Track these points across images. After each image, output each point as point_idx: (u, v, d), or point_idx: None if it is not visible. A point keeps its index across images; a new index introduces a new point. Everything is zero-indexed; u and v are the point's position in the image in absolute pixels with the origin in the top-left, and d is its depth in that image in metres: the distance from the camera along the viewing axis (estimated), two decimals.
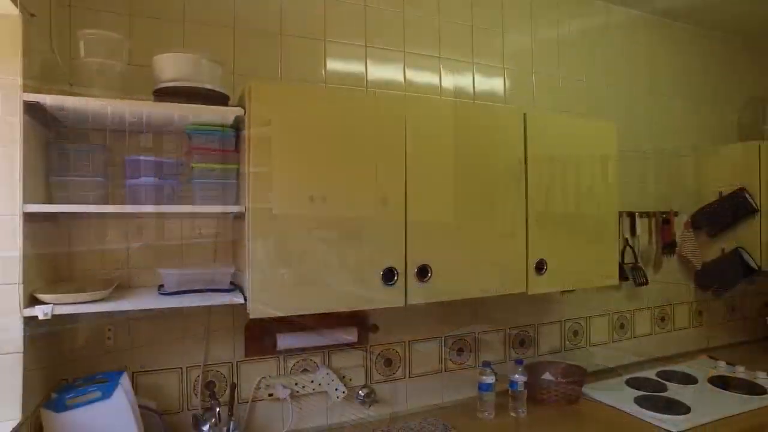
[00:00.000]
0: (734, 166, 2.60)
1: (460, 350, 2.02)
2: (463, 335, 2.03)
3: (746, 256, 2.49)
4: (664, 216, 2.59)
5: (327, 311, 1.40)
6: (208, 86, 1.36)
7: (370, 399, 1.82)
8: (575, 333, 2.32)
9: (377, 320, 1.85)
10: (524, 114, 1.72)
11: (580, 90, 2.37)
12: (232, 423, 1.54)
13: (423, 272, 1.51)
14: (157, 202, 1.38)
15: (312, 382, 1.74)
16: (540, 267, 1.72)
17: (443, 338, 1.99)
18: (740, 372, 2.33)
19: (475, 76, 2.08)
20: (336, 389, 1.73)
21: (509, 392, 1.90)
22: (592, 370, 2.37)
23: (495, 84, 2.13)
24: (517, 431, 1.75)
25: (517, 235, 1.68)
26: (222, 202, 1.43)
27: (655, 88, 2.63)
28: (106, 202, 1.38)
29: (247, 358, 1.67)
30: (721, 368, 2.41)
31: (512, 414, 1.88)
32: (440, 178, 1.56)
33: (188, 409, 1.59)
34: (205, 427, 1.50)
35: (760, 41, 3.02)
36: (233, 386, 1.60)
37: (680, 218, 2.68)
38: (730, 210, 2.53)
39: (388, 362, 1.88)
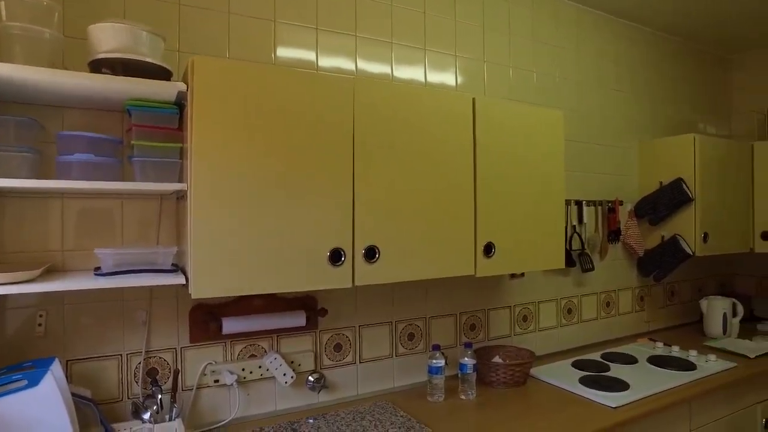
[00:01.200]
0: (672, 157, 2.72)
1: (411, 335, 2.03)
2: (413, 320, 2.04)
3: (683, 243, 2.61)
4: (610, 205, 2.69)
5: (272, 292, 1.37)
6: (149, 60, 1.31)
7: (320, 384, 1.81)
8: (525, 318, 2.37)
9: (326, 304, 1.84)
10: (473, 99, 1.74)
11: (530, 81, 2.42)
12: (175, 410, 1.50)
13: (371, 253, 1.51)
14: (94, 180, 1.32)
15: (260, 367, 1.71)
16: (488, 250, 1.75)
17: (394, 323, 1.99)
18: (675, 351, 2.46)
19: (427, 63, 2.09)
20: (284, 374, 1.71)
21: (459, 375, 1.92)
22: (540, 354, 2.44)
23: (446, 72, 2.15)
24: (465, 413, 1.77)
25: (466, 218, 1.70)
26: (164, 181, 1.38)
27: (602, 83, 2.72)
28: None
29: (192, 344, 1.63)
30: (659, 349, 2.53)
31: (462, 396, 1.91)
32: (388, 161, 1.55)
33: (128, 398, 1.54)
34: (146, 415, 1.46)
35: (699, 43, 3.17)
36: (176, 372, 1.56)
37: (625, 207, 2.78)
38: (669, 199, 2.64)
39: (338, 347, 1.87)
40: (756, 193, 2.94)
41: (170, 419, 1.48)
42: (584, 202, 2.56)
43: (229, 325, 1.61)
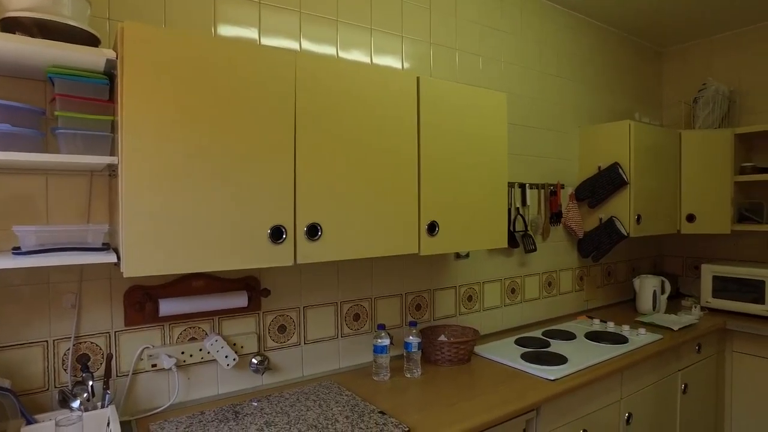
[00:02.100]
0: (610, 143, 2.84)
1: (357, 316, 2.03)
2: (359, 301, 2.04)
3: (618, 225, 2.74)
4: (552, 188, 2.78)
5: (209, 270, 1.33)
6: (71, 23, 1.22)
7: (264, 366, 1.78)
8: (470, 298, 2.42)
9: (270, 285, 1.81)
10: (417, 78, 1.74)
11: (476, 66, 2.45)
12: (107, 397, 1.43)
13: (313, 231, 1.49)
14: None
15: (200, 350, 1.67)
16: (432, 229, 1.76)
17: (339, 304, 1.99)
18: (610, 327, 2.59)
19: (374, 45, 2.07)
20: (226, 357, 1.67)
21: (404, 354, 1.94)
22: (485, 333, 2.51)
23: (393, 55, 2.14)
24: (409, 389, 1.79)
25: (410, 197, 1.71)
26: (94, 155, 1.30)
27: (545, 70, 2.80)
28: None
29: (127, 328, 1.56)
30: (596, 325, 2.65)
31: (407, 375, 1.93)
32: (332, 138, 1.53)
33: (56, 387, 1.45)
34: (75, 404, 1.39)
35: (636, 36, 3.31)
36: (109, 357, 1.49)
37: (566, 190, 2.89)
38: (606, 182, 2.76)
39: (282, 328, 1.85)
40: (683, 178, 3.12)
41: (102, 406, 1.41)
42: (527, 185, 2.63)
43: (167, 307, 1.55)
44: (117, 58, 1.24)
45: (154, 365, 1.59)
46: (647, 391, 2.32)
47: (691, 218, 3.11)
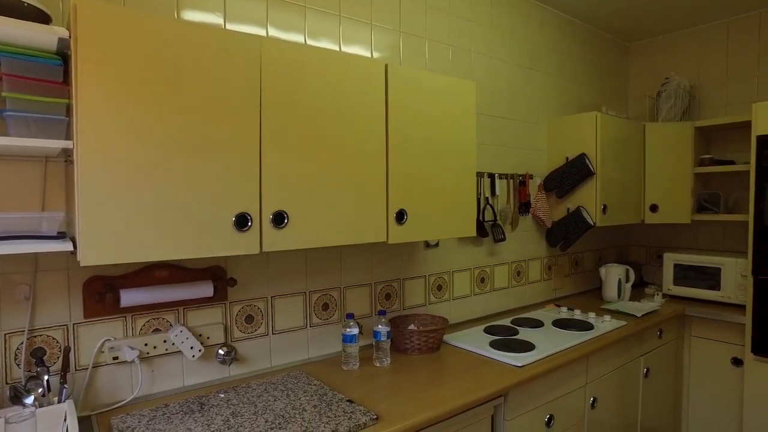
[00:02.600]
0: (577, 134, 2.88)
1: (326, 305, 2.02)
2: (328, 290, 2.02)
3: (585, 214, 2.79)
4: (521, 178, 2.81)
5: (171, 258, 1.29)
6: None
7: (231, 357, 1.75)
8: (439, 287, 2.44)
9: (236, 274, 1.77)
10: (386, 65, 1.73)
11: (446, 56, 2.45)
12: (65, 391, 1.38)
13: (279, 219, 1.46)
14: None
15: (165, 342, 1.63)
16: (400, 217, 1.76)
17: (308, 293, 1.97)
18: (577, 315, 2.65)
19: (342, 33, 2.05)
20: (192, 348, 1.64)
21: (373, 343, 1.94)
22: (455, 322, 2.52)
23: (362, 43, 2.12)
24: (379, 378, 1.79)
25: (378, 184, 1.70)
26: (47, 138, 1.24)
27: (515, 61, 2.82)
28: None
29: (86, 320, 1.51)
30: (563, 313, 2.71)
31: (377, 364, 1.93)
32: (299, 125, 1.51)
33: (7, 383, 1.40)
34: (29, 399, 1.33)
35: (603, 30, 3.37)
36: (67, 350, 1.44)
37: (535, 181, 2.92)
38: (574, 173, 2.81)
39: (250, 319, 1.82)
40: (647, 169, 3.20)
41: (59, 402, 1.36)
42: (497, 175, 2.65)
43: (129, 297, 1.50)
44: (70, 38, 1.19)
45: (115, 358, 1.54)
46: (611, 375, 2.38)
47: (654, 208, 3.20)
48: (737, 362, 2.83)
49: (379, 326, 1.91)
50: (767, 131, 2.58)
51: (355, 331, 1.86)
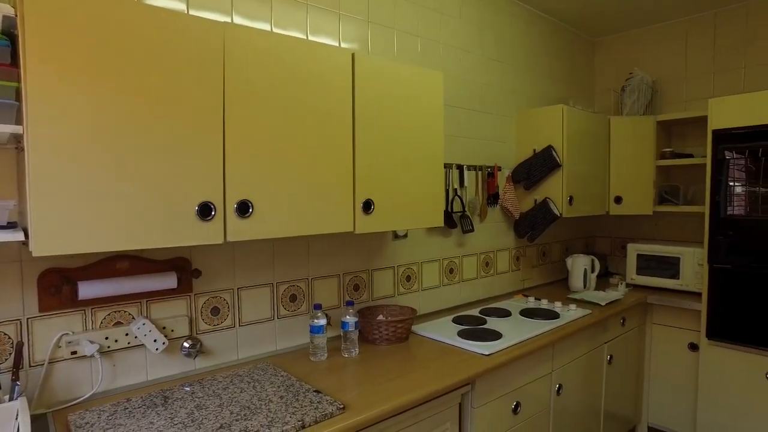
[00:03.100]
0: (544, 126, 2.93)
1: (293, 297, 2.00)
2: (296, 282, 2.01)
3: (552, 205, 2.84)
4: (489, 170, 2.84)
5: (131, 248, 1.26)
6: None
7: (196, 350, 1.72)
8: (408, 278, 2.45)
9: (201, 265, 1.74)
10: (352, 54, 1.71)
11: (414, 47, 2.45)
12: (17, 389, 1.33)
13: (244, 208, 1.44)
14: None
15: (127, 335, 1.59)
16: (367, 207, 1.75)
17: (275, 285, 1.95)
18: (544, 304, 2.70)
19: (309, 22, 2.02)
20: (155, 341, 1.60)
21: (341, 334, 1.93)
22: (424, 312, 2.54)
23: (330, 33, 2.09)
24: (347, 368, 1.79)
25: (345, 174, 1.69)
26: None
27: (484, 53, 2.84)
28: None
29: (42, 314, 1.46)
30: (531, 303, 2.76)
31: (345, 354, 1.92)
32: (263, 113, 1.48)
33: None
34: None
35: (571, 25, 3.42)
36: (19, 345, 1.39)
37: (503, 172, 2.96)
38: (541, 165, 2.85)
39: (216, 311, 1.79)
40: (611, 162, 3.28)
41: (10, 399, 1.31)
42: (465, 166, 2.67)
43: (87, 290, 1.46)
44: (17, 16, 1.14)
45: (74, 352, 1.50)
46: (576, 362, 2.44)
47: (618, 200, 3.28)
48: (693, 347, 2.93)
49: (347, 317, 1.91)
50: (722, 126, 2.67)
51: (323, 322, 1.85)
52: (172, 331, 1.68)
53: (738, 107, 2.62)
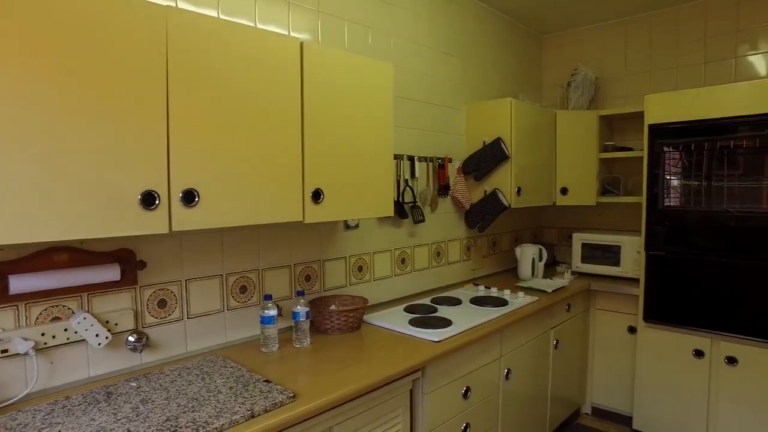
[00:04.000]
0: (494, 119, 3.00)
1: (244, 288, 1.98)
2: (246, 272, 1.98)
3: (501, 196, 2.93)
4: (440, 161, 2.89)
5: (66, 239, 1.21)
6: None
7: (142, 344, 1.68)
8: (360, 268, 2.46)
9: (146, 256, 1.69)
10: (301, 43, 1.70)
11: (365, 38, 2.45)
12: None
13: (189, 197, 1.41)
14: None
15: (66, 330, 1.52)
16: (317, 196, 1.75)
17: (224, 276, 1.92)
18: (493, 292, 2.78)
19: (258, 9, 1.99)
20: (97, 336, 1.55)
21: (293, 324, 1.93)
22: (377, 302, 2.56)
23: (279, 21, 2.07)
24: (298, 358, 1.79)
25: (294, 164, 1.68)
26: None
27: (436, 46, 2.87)
28: None
29: None
30: (481, 291, 2.83)
31: (296, 345, 1.92)
32: (210, 100, 1.46)
33: None
34: None
35: (520, 21, 3.52)
36: None
37: (454, 164, 3.02)
38: (490, 156, 2.93)
39: (163, 303, 1.75)
40: (558, 154, 3.40)
41: None
42: (416, 157, 2.71)
43: (19, 284, 1.39)
44: None
45: (4, 351, 1.42)
46: (524, 348, 2.53)
47: (564, 191, 3.41)
48: (632, 330, 3.10)
49: (298, 307, 1.90)
50: (657, 121, 2.83)
51: (273, 312, 1.84)
52: (116, 325, 1.63)
53: (671, 103, 2.77)
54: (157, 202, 1.35)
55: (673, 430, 2.87)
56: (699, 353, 2.75)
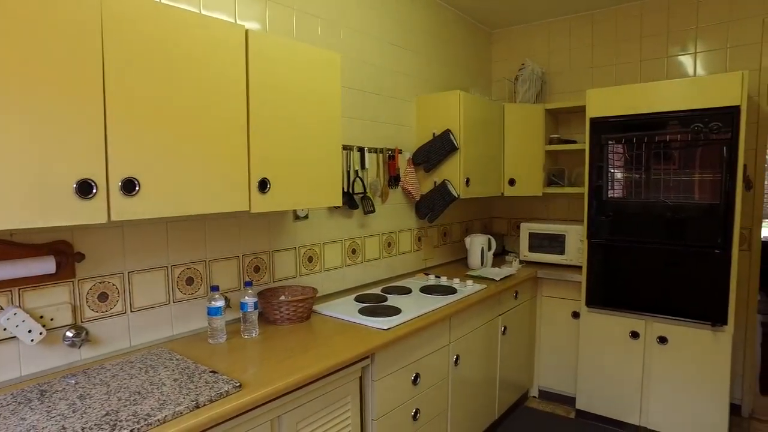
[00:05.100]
0: (443, 111, 3.06)
1: (190, 279, 1.94)
2: (192, 264, 1.95)
3: (450, 187, 2.99)
4: (390, 152, 2.92)
5: None
6: None
7: (81, 339, 1.62)
8: (310, 259, 2.46)
9: (85, 248, 1.64)
10: (246, 30, 1.68)
11: (314, 28, 2.44)
12: None
13: (130, 186, 1.38)
14: None
15: None
16: (263, 186, 1.74)
17: (170, 267, 1.88)
18: (443, 281, 2.84)
19: None
20: (29, 332, 1.48)
21: (241, 315, 1.91)
22: (327, 293, 2.57)
23: (224, 8, 2.03)
24: (246, 349, 1.78)
25: (239, 153, 1.66)
26: None
27: (386, 38, 2.89)
28: None
29: None
30: (431, 280, 2.89)
31: (245, 336, 1.91)
32: (150, 86, 1.42)
33: None
34: None
35: (470, 16, 3.58)
36: None
37: (404, 155, 3.05)
38: (439, 148, 2.98)
39: (104, 296, 1.70)
40: (506, 146, 3.50)
41: None
42: (366, 148, 2.73)
43: None
44: None
45: None
46: (473, 334, 2.61)
47: (512, 182, 3.52)
48: (576, 315, 3.25)
49: (246, 297, 1.89)
50: (597, 114, 2.96)
51: (221, 303, 1.82)
52: (52, 320, 1.57)
53: (610, 98, 2.90)
54: (94, 191, 1.31)
55: (612, 406, 3.03)
56: (635, 334, 2.91)
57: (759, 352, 3.72)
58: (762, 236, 3.12)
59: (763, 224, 3.13)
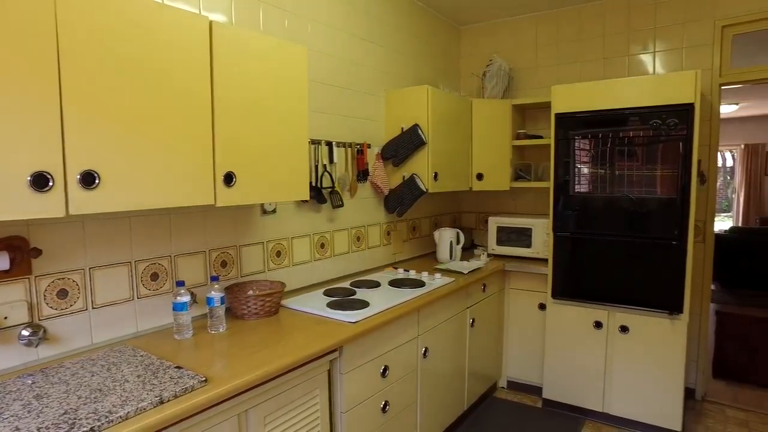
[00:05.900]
0: (412, 106, 3.08)
1: (155, 275, 1.91)
2: (157, 259, 1.92)
3: (419, 181, 3.01)
4: (359, 147, 2.92)
5: None
6: None
7: (38, 338, 1.57)
8: (278, 253, 2.45)
9: (42, 244, 1.59)
10: (210, 22, 1.66)
11: (281, 21, 2.42)
12: None
13: (89, 179, 1.34)
14: None
15: None
16: (229, 179, 1.72)
17: (134, 263, 1.84)
18: (412, 275, 2.87)
19: None
20: None
21: (207, 310, 1.89)
22: (296, 287, 2.57)
23: (190, 3, 2.00)
24: (213, 344, 1.76)
25: (204, 146, 1.64)
26: None
27: (354, 32, 2.88)
28: None
29: None
30: (400, 274, 2.91)
31: (211, 331, 1.89)
32: (111, 77, 1.38)
33: None
34: None
35: (439, 12, 3.60)
36: None
37: (372, 150, 3.06)
38: (408, 142, 3.00)
39: (63, 293, 1.65)
40: (474, 141, 3.55)
41: None
42: (335, 143, 2.72)
43: None
44: None
45: None
46: (441, 327, 2.64)
47: (480, 177, 3.57)
48: (542, 307, 3.33)
49: (212, 292, 1.87)
50: (562, 110, 3.03)
51: (186, 299, 1.79)
52: (6, 318, 1.52)
53: (575, 94, 2.97)
54: (50, 184, 1.27)
55: (577, 394, 3.12)
56: (598, 324, 3.00)
57: (712, 338, 3.89)
58: (714, 229, 3.26)
59: (716, 218, 3.27)
